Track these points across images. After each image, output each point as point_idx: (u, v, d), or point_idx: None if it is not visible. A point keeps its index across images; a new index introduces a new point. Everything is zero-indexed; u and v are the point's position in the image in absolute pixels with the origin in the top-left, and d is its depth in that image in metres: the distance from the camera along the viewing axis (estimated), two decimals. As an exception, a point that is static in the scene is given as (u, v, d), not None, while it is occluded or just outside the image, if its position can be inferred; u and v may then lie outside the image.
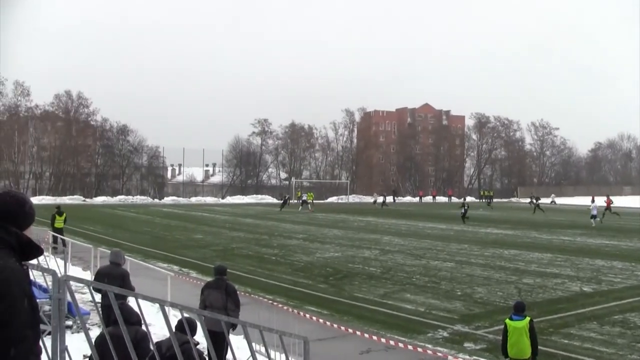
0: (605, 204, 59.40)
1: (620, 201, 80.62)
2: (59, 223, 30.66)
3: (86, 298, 15.88)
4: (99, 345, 7.56)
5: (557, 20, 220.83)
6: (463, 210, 50.75)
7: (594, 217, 49.27)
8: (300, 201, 70.65)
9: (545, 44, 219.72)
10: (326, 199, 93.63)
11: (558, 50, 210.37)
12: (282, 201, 71.25)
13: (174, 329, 5.85)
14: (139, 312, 5.99)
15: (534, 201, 69.08)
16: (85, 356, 10.43)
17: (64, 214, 31.19)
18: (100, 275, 13.21)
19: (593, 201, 57.05)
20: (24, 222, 3.74)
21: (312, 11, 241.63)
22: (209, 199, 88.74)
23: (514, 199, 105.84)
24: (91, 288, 5.48)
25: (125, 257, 14.32)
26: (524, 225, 47.48)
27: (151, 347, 7.41)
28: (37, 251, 3.75)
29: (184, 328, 6.74)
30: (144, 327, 6.88)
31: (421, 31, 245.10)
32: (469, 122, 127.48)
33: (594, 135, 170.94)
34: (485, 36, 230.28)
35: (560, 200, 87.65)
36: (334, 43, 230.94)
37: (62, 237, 28.12)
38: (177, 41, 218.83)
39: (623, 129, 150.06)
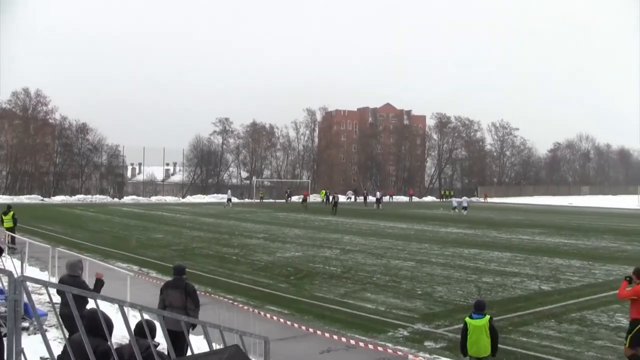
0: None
1: (580, 201, 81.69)
2: (7, 223, 29.75)
3: (43, 299, 15.67)
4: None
5: (516, 22, 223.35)
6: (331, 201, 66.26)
7: (454, 208, 62.23)
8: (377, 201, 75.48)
9: (505, 45, 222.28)
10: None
11: (518, 51, 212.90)
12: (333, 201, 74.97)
13: (133, 332, 5.77)
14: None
15: (333, 199, 72.38)
16: (42, 358, 10.30)
17: (10, 213, 30.03)
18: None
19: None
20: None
21: (274, 11, 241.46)
22: (170, 198, 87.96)
23: (474, 199, 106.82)
24: (48, 288, 5.38)
25: (83, 264, 13.79)
26: (484, 225, 47.90)
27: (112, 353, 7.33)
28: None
29: (144, 331, 6.65)
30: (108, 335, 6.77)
31: (383, 31, 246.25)
32: (430, 122, 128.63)
33: (553, 136, 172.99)
34: (446, 37, 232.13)
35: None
36: (295, 42, 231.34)
37: (12, 234, 27.69)
38: (138, 41, 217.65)
39: (582, 130, 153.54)
